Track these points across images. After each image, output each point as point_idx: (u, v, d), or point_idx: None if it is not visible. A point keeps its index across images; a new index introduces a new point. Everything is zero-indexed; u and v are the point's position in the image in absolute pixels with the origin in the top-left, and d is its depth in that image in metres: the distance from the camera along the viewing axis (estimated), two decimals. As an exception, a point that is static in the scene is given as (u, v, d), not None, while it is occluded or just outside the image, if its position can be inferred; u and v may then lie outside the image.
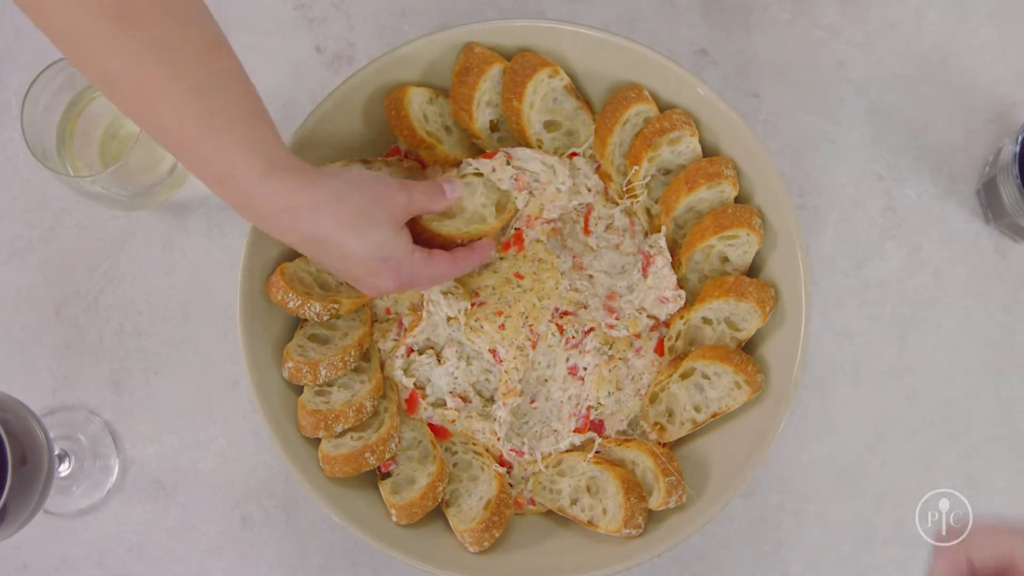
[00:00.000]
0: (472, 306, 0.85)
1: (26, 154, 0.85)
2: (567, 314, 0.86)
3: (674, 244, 0.85)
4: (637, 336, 0.86)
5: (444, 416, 0.86)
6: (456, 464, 0.85)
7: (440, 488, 0.82)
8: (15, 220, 0.94)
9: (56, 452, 0.88)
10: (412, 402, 0.86)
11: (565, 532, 0.84)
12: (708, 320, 0.83)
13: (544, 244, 0.87)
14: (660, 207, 0.85)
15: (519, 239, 0.87)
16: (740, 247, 0.82)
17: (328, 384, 0.83)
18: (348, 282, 0.77)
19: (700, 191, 0.82)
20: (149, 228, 0.94)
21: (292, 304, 0.82)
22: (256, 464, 0.92)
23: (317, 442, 0.82)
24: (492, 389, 0.87)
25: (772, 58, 0.95)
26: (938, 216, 0.94)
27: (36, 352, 0.93)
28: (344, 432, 0.81)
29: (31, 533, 0.90)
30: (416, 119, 0.84)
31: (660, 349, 0.86)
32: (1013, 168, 0.85)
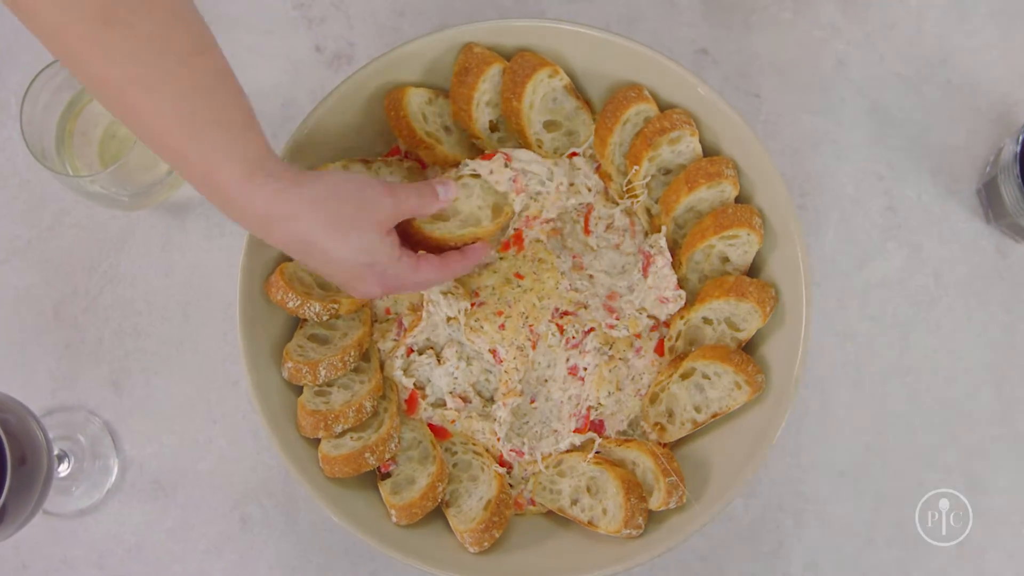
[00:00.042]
0: (472, 306, 0.85)
1: (25, 154, 0.85)
2: (567, 314, 0.86)
3: (674, 244, 0.85)
4: (637, 336, 0.86)
5: (444, 416, 0.86)
6: (456, 464, 0.85)
7: (440, 488, 0.81)
8: (14, 220, 0.94)
9: (55, 452, 0.88)
10: (412, 402, 0.86)
11: (565, 532, 0.84)
12: (708, 320, 0.83)
13: (544, 244, 0.87)
14: (660, 207, 0.85)
15: (519, 239, 0.87)
16: (740, 247, 0.82)
17: (328, 384, 0.83)
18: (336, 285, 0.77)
19: (700, 191, 0.82)
20: (148, 228, 0.94)
21: (292, 304, 0.82)
22: (256, 464, 0.92)
23: (317, 442, 0.81)
24: (492, 389, 0.86)
25: (773, 58, 0.95)
26: (939, 216, 0.93)
27: (35, 352, 0.93)
28: (344, 432, 0.81)
29: (30, 534, 0.90)
30: (415, 119, 0.84)
31: (660, 349, 0.86)
32: (1014, 168, 0.85)
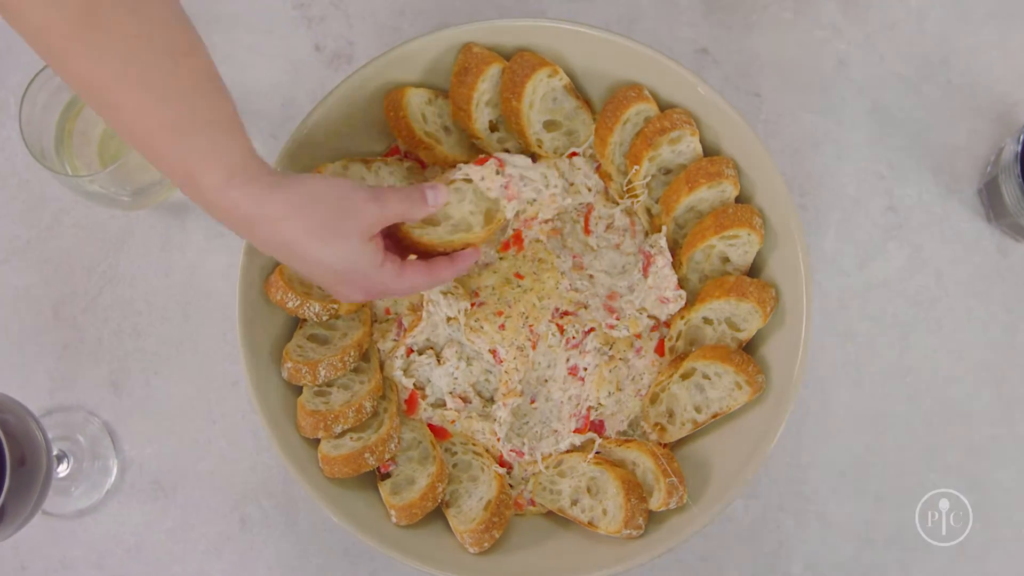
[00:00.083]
0: (472, 306, 0.85)
1: (24, 153, 0.85)
2: (567, 314, 0.85)
3: (675, 244, 0.85)
4: (637, 336, 0.86)
5: (444, 417, 0.86)
6: (456, 465, 0.85)
7: (440, 489, 0.81)
8: (13, 220, 0.94)
9: (55, 453, 0.88)
10: (412, 403, 0.86)
11: (565, 533, 0.84)
12: (709, 320, 0.83)
13: (544, 244, 0.86)
14: (661, 207, 0.85)
15: (519, 239, 0.86)
16: (741, 247, 0.82)
17: (327, 384, 0.82)
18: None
19: (701, 191, 0.81)
20: (148, 228, 0.94)
21: (291, 304, 0.82)
22: (255, 465, 0.91)
23: (316, 443, 0.81)
24: (492, 389, 0.86)
25: (773, 57, 0.95)
26: (940, 216, 0.93)
27: (34, 352, 0.92)
28: (343, 433, 0.81)
29: (29, 534, 0.90)
30: (415, 120, 0.84)
31: (661, 349, 0.86)
32: (1015, 168, 0.85)
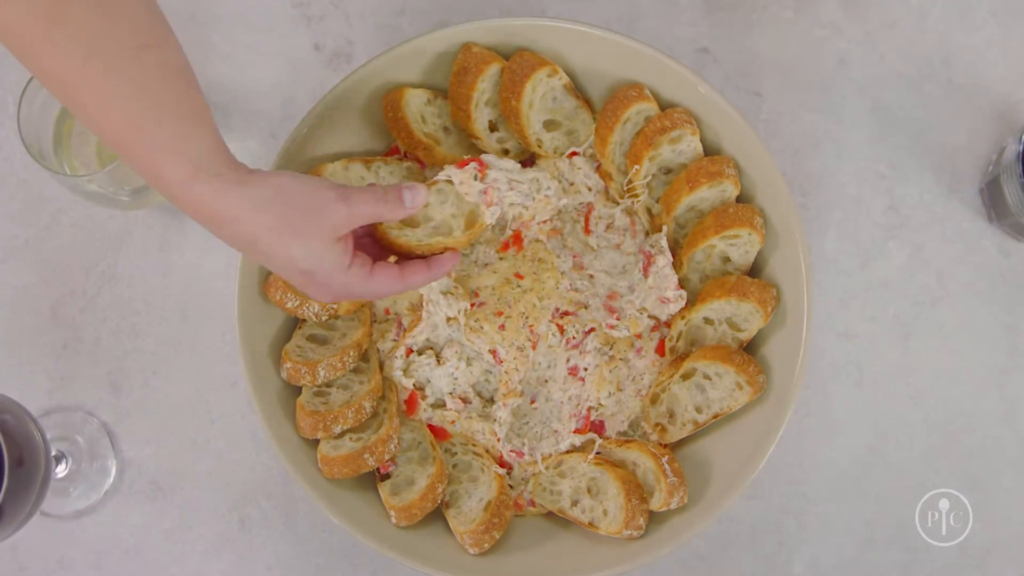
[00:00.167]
0: (472, 306, 0.85)
1: (22, 153, 0.85)
2: (567, 314, 0.85)
3: (675, 244, 0.85)
4: (638, 336, 0.85)
5: (444, 417, 0.86)
6: (456, 465, 0.85)
7: (439, 489, 0.81)
8: (11, 219, 0.93)
9: (53, 453, 0.87)
10: (411, 403, 0.86)
11: (566, 534, 0.83)
12: (709, 320, 0.82)
13: (544, 244, 0.86)
14: (661, 206, 0.85)
15: (519, 239, 0.86)
16: (742, 247, 0.81)
17: (327, 385, 0.82)
18: None
19: (701, 190, 0.81)
20: (147, 228, 0.93)
21: (290, 304, 0.82)
22: (254, 465, 0.91)
23: (316, 443, 0.81)
24: (492, 390, 0.86)
25: (774, 56, 0.95)
26: (941, 216, 0.93)
27: (33, 353, 0.92)
28: (343, 433, 0.81)
29: (28, 535, 0.90)
30: (414, 120, 0.83)
31: (661, 349, 0.86)
32: (1016, 167, 0.85)
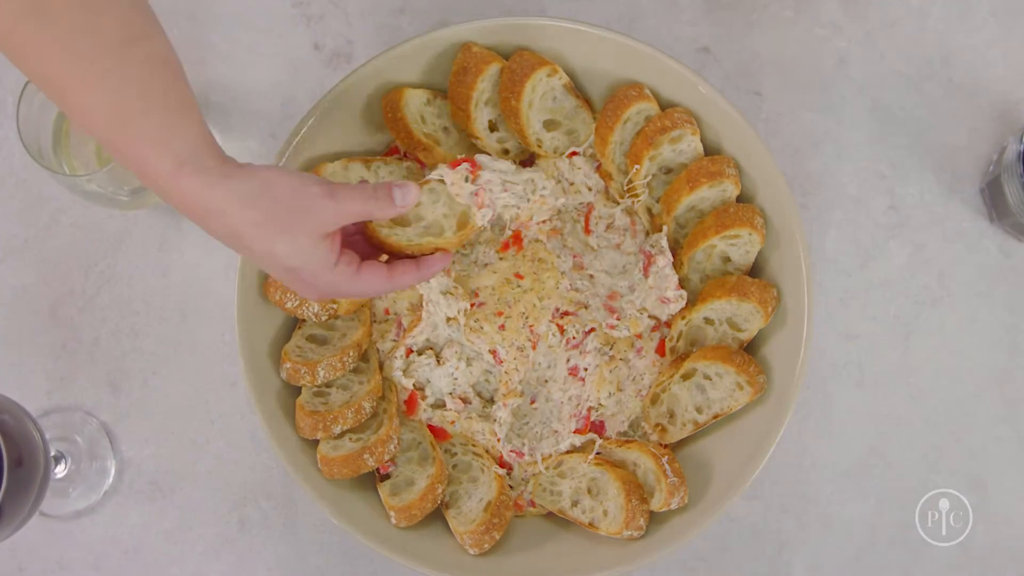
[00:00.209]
0: (472, 306, 0.85)
1: (22, 152, 0.85)
2: (568, 314, 0.85)
3: (675, 244, 0.85)
4: (638, 336, 0.85)
5: (444, 417, 0.85)
6: (456, 466, 0.84)
7: (439, 490, 0.81)
8: (10, 219, 0.93)
9: (52, 454, 0.87)
10: (411, 403, 0.85)
11: (566, 534, 0.83)
12: (710, 320, 0.82)
13: (544, 244, 0.86)
14: (661, 206, 0.84)
15: (518, 239, 0.86)
16: (742, 247, 0.81)
17: (327, 385, 0.82)
18: None
19: (702, 190, 0.81)
20: (146, 228, 0.93)
21: (290, 304, 0.82)
22: (254, 465, 0.91)
23: (315, 444, 0.81)
24: (492, 390, 0.86)
25: (774, 56, 0.95)
26: (942, 215, 0.93)
27: (32, 353, 0.92)
28: (343, 433, 0.81)
29: (27, 535, 0.89)
30: (413, 121, 0.83)
31: (661, 350, 0.85)
32: (1017, 167, 0.85)
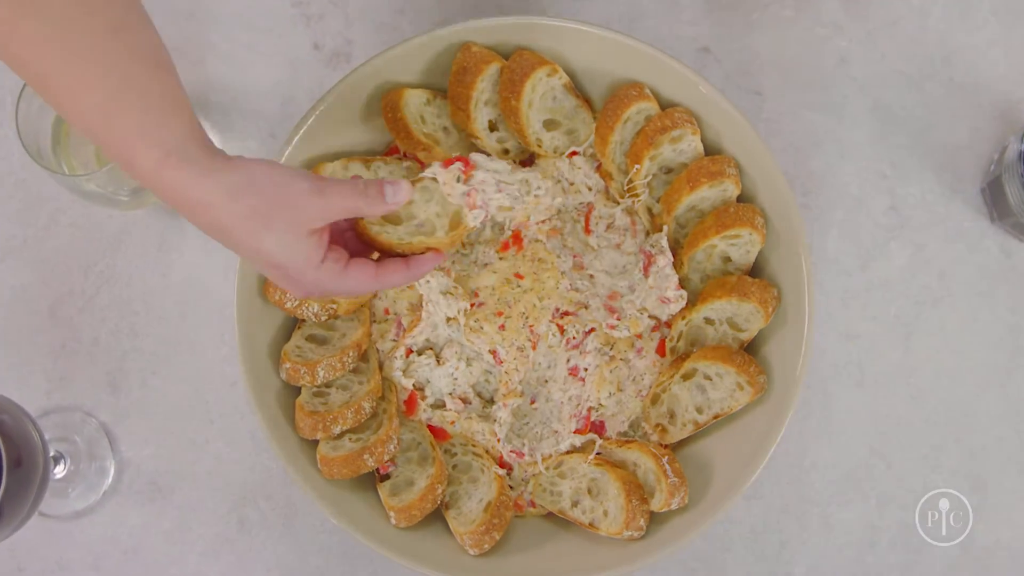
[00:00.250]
0: (472, 306, 0.85)
1: (21, 152, 0.84)
2: (568, 314, 0.85)
3: (676, 243, 0.85)
4: (638, 336, 0.85)
5: (443, 417, 0.85)
6: (455, 466, 0.84)
7: (439, 490, 0.81)
8: (10, 219, 0.93)
9: (51, 454, 0.87)
10: (411, 403, 0.85)
11: (566, 534, 0.83)
12: (710, 320, 0.82)
13: (544, 244, 0.86)
14: (662, 206, 0.84)
15: (518, 239, 0.86)
16: (742, 247, 0.81)
17: (326, 385, 0.82)
18: None
19: (702, 190, 0.81)
20: (145, 228, 0.93)
21: (290, 304, 0.82)
22: (254, 466, 0.91)
23: (315, 444, 0.81)
24: (492, 390, 0.86)
25: (774, 56, 0.94)
26: (943, 215, 0.93)
27: (31, 353, 0.92)
28: (342, 434, 0.81)
29: (26, 536, 0.89)
30: (413, 121, 0.83)
31: (662, 350, 0.85)
32: (1018, 167, 0.85)
